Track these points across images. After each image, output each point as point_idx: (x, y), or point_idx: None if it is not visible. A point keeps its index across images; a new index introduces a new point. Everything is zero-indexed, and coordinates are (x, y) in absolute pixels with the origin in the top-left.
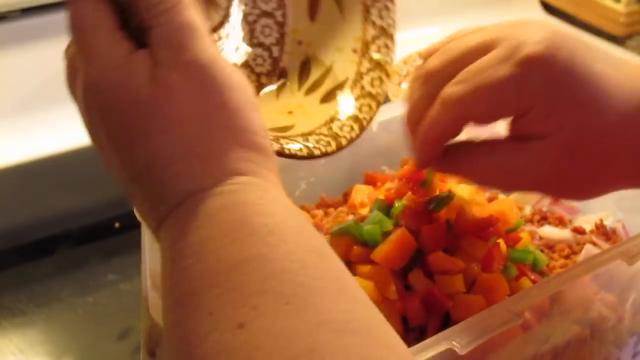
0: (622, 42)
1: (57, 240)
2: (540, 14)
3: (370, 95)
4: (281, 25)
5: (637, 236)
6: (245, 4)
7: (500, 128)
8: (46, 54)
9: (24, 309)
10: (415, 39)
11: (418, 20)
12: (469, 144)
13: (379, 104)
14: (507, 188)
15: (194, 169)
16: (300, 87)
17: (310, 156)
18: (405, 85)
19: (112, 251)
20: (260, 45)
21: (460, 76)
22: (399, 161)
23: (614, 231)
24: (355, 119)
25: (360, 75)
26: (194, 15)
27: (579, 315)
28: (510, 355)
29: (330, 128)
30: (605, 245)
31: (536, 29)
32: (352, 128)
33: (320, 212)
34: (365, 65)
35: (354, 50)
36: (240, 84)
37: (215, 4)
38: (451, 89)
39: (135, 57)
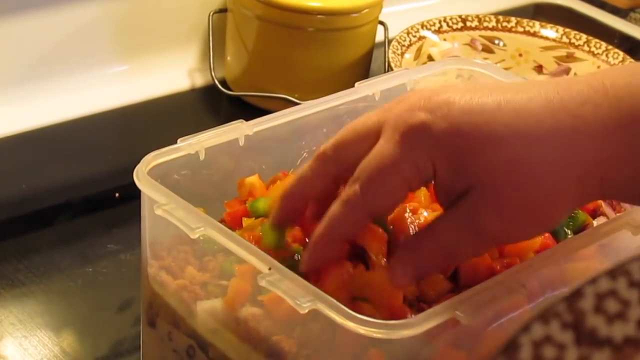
0: (625, 15)
1: (57, 210)
2: None
3: None
4: None
5: None
6: None
7: None
8: (45, 24)
9: (24, 280)
10: (417, 9)
11: None
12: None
13: None
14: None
15: None
16: None
17: None
18: (408, 56)
19: (113, 222)
20: None
21: (355, 175)
22: None
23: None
24: None
25: None
26: None
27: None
28: (514, 325)
29: None
30: (614, 216)
31: (413, 100)
32: None
33: None
34: None
35: None
36: None
37: None
38: (351, 189)
39: None
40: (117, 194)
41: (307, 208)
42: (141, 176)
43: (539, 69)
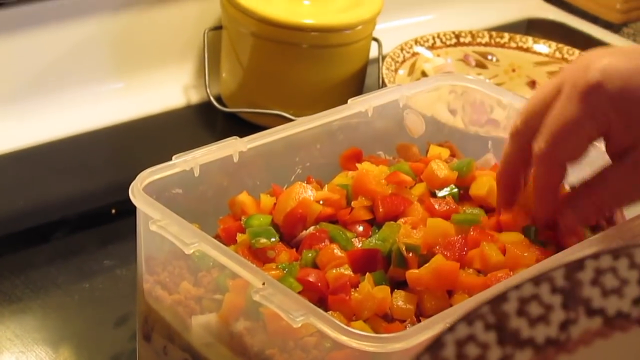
0: (618, 30)
1: (53, 226)
2: (539, 2)
3: None
4: None
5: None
6: None
7: None
8: (42, 41)
9: (21, 295)
10: (411, 25)
11: (413, 8)
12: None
13: None
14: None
15: None
16: None
17: None
18: (402, 72)
19: (109, 237)
20: None
21: (542, 131)
22: (394, 146)
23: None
24: None
25: None
26: None
27: None
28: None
29: None
30: None
31: (587, 60)
32: None
33: None
34: None
35: None
36: None
37: None
38: (539, 146)
39: None
40: (113, 210)
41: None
42: (136, 192)
43: (532, 84)
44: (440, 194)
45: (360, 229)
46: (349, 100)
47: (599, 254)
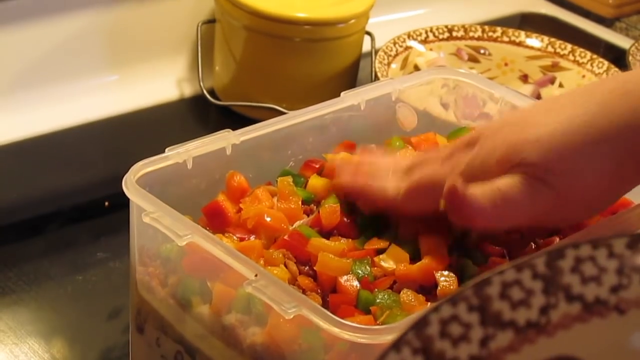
0: (610, 24)
1: (47, 219)
2: None
3: None
4: None
5: (626, 212)
6: None
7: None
8: (35, 34)
9: (14, 287)
10: (404, 19)
11: (406, 2)
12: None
13: None
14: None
15: None
16: None
17: None
18: (394, 66)
19: (102, 230)
20: None
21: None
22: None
23: None
24: None
25: None
26: None
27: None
28: None
29: None
30: None
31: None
32: None
33: None
34: None
35: None
36: None
37: None
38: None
39: None
40: (106, 203)
41: None
42: (129, 184)
43: (524, 78)
44: None
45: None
46: (342, 94)
47: (579, 243)
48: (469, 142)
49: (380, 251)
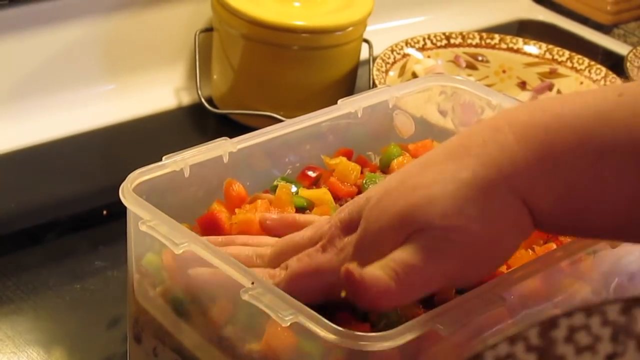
0: (608, 31)
1: (45, 228)
2: (529, 3)
3: None
4: None
5: None
6: None
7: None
8: (32, 43)
9: (12, 297)
10: (402, 27)
11: (404, 9)
12: None
13: None
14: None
15: None
16: None
17: None
18: (392, 73)
19: (100, 239)
20: None
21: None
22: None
23: None
24: None
25: None
26: None
27: (563, 299)
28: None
29: None
30: None
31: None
32: None
33: None
34: None
35: None
36: None
37: None
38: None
39: None
40: (104, 212)
41: None
42: (126, 193)
43: (523, 85)
44: None
45: None
46: (339, 101)
47: (572, 312)
48: (348, 224)
49: None
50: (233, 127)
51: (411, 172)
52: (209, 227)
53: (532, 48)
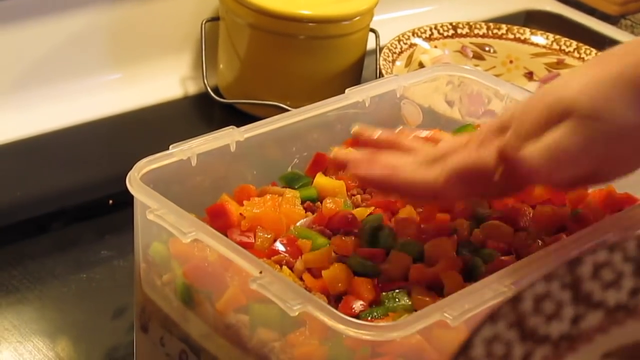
0: (616, 22)
1: (51, 217)
2: None
3: None
4: None
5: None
6: None
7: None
8: (39, 32)
9: (18, 286)
10: (409, 16)
11: None
12: None
13: None
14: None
15: None
16: None
17: None
18: (399, 63)
19: (106, 228)
20: None
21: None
22: None
23: None
24: None
25: None
26: None
27: None
28: None
29: None
30: None
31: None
32: None
33: None
34: None
35: None
36: None
37: None
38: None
39: None
40: (110, 201)
41: None
42: (133, 182)
43: (529, 75)
44: None
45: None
46: (346, 90)
47: (595, 249)
48: (500, 127)
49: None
50: (239, 117)
51: (555, 82)
52: (217, 216)
53: (539, 38)
